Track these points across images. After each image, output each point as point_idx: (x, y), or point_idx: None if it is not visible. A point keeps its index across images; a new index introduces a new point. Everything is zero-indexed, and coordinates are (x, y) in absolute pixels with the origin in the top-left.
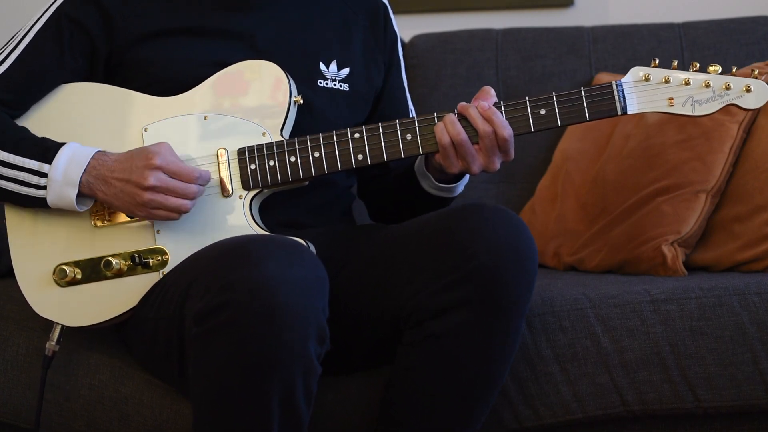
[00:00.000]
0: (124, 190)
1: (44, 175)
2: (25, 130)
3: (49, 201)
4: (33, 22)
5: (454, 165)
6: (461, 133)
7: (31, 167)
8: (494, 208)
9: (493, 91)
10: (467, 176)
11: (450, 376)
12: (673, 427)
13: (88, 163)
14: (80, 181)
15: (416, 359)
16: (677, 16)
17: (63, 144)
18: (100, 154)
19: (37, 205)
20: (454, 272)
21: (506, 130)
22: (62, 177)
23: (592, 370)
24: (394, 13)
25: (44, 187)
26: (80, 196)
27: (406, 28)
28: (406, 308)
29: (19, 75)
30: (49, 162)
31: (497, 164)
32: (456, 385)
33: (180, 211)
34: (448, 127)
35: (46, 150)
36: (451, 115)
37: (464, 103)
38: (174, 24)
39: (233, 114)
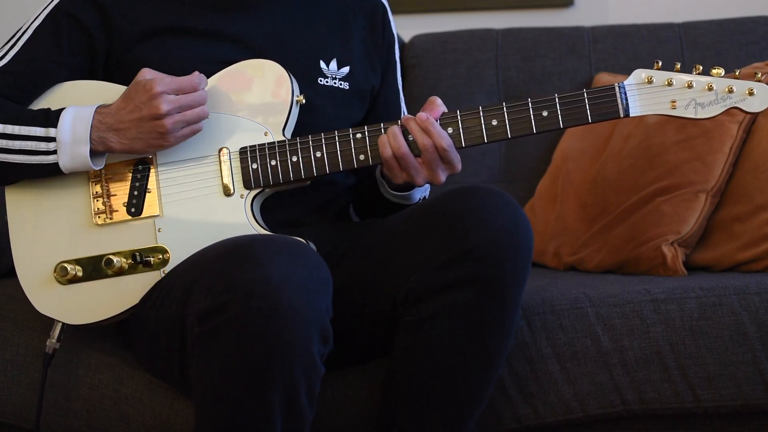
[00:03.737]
0: (142, 129)
1: (52, 139)
2: (21, 106)
3: (61, 164)
4: (32, 20)
5: (397, 176)
6: (402, 147)
7: (37, 134)
8: (488, 189)
9: (439, 101)
10: (426, 185)
11: (448, 356)
12: (672, 426)
13: (93, 118)
14: (90, 138)
15: (414, 339)
16: (677, 16)
17: (63, 108)
18: (101, 108)
19: (50, 173)
20: (449, 252)
21: (444, 141)
22: (71, 137)
23: (592, 369)
24: (394, 13)
25: (54, 152)
26: (93, 154)
27: (406, 28)
28: (402, 290)
29: (17, 71)
30: (54, 126)
31: (442, 177)
32: (454, 365)
33: (201, 118)
34: (390, 140)
35: (48, 115)
36: (395, 127)
37: (408, 116)
38: (173, 23)
39: (235, 113)
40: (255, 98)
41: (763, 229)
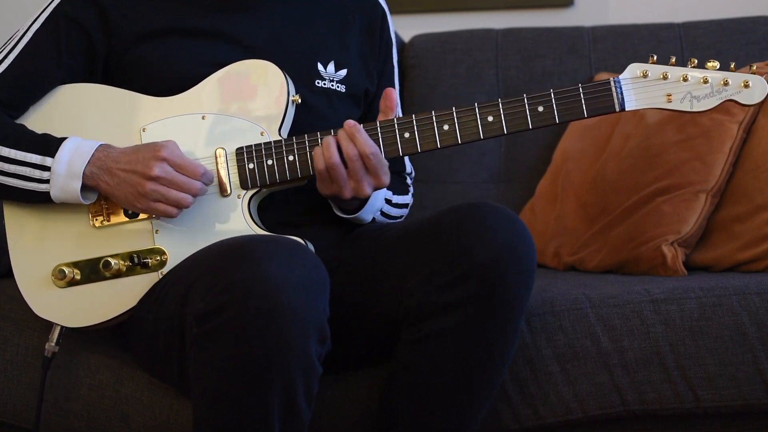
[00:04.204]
0: (126, 180)
1: (47, 168)
2: (24, 127)
3: (52, 195)
4: (31, 22)
5: (327, 188)
6: (333, 156)
7: (34, 161)
8: (492, 206)
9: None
10: (371, 204)
11: (449, 375)
12: (672, 427)
13: (92, 155)
14: (84, 173)
15: (415, 357)
16: (677, 16)
17: (65, 138)
18: (104, 147)
19: (41, 200)
20: (453, 271)
21: (369, 148)
22: (66, 170)
23: (592, 370)
24: (393, 13)
25: (47, 181)
26: (84, 189)
27: (406, 28)
28: (404, 306)
29: (17, 75)
30: (52, 156)
31: (367, 189)
32: (455, 384)
33: (180, 206)
34: (324, 151)
35: (48, 144)
36: (329, 137)
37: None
38: (172, 24)
39: (231, 113)
40: (251, 98)
41: (763, 229)
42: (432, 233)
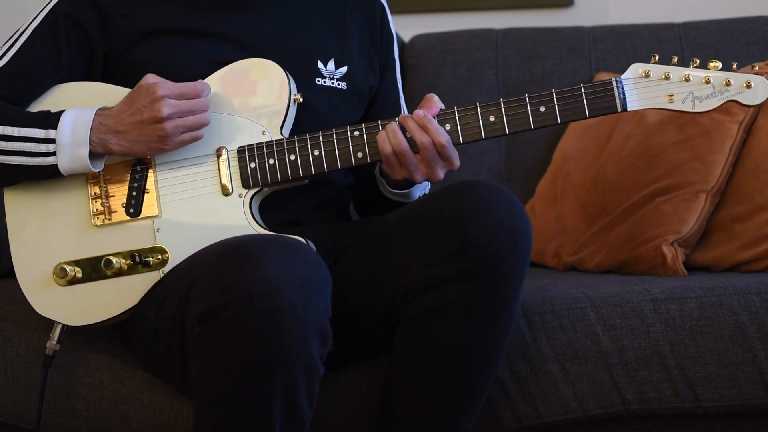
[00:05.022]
0: (142, 132)
1: (51, 141)
2: (21, 108)
3: (60, 166)
4: (30, 20)
5: (397, 173)
6: (402, 143)
7: (37, 135)
8: (486, 183)
9: (436, 98)
10: (426, 183)
11: (447, 350)
12: (673, 426)
13: (93, 120)
14: (90, 140)
15: (414, 334)
16: (677, 16)
17: (62, 111)
18: (102, 110)
19: (48, 175)
20: (447, 246)
21: (442, 137)
22: (71, 139)
23: (592, 369)
24: (393, 13)
25: (53, 154)
26: (92, 157)
27: (406, 28)
28: (401, 285)
29: (15, 72)
30: (54, 127)
31: (440, 174)
32: (453, 360)
33: (202, 126)
34: (389, 137)
35: (48, 117)
36: (394, 123)
37: (405, 114)
38: (172, 23)
39: (233, 112)
40: (252, 97)
41: (763, 229)
42: (428, 211)
